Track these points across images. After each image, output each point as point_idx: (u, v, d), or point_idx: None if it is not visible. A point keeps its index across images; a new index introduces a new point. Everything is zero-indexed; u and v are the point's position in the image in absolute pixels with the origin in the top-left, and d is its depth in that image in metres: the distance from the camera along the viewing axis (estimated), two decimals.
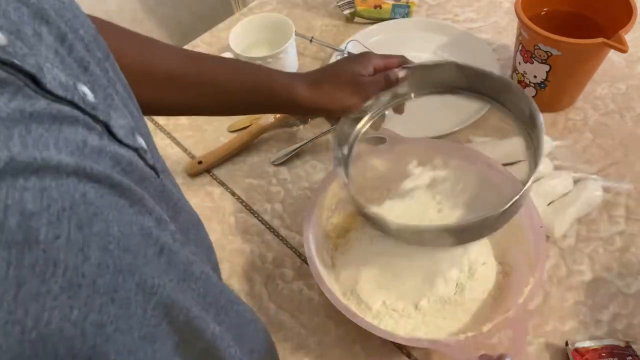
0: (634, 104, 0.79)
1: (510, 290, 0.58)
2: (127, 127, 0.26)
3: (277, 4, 1.02)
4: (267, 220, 0.72)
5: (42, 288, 0.17)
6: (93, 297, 0.19)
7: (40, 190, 0.18)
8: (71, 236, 0.18)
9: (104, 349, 0.20)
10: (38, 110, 0.20)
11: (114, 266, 0.20)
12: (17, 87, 0.19)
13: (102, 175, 0.21)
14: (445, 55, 0.87)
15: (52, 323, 0.17)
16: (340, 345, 0.60)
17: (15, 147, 0.18)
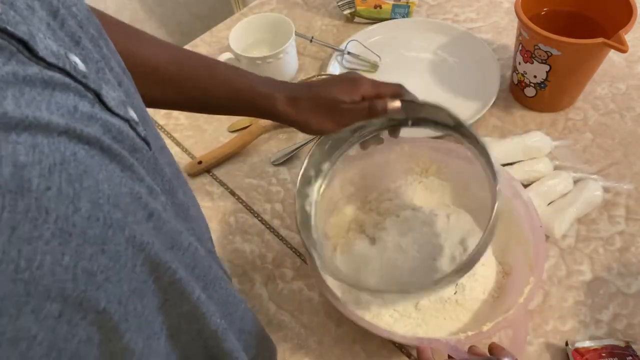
0: (634, 104, 0.79)
1: (510, 290, 0.58)
2: (118, 100, 0.27)
3: (277, 4, 1.02)
4: (267, 220, 0.72)
5: (34, 232, 0.19)
6: (83, 246, 0.21)
7: (32, 146, 0.19)
8: (62, 188, 0.20)
9: (95, 296, 0.21)
10: (31, 75, 0.21)
11: (103, 220, 0.22)
12: (10, 52, 0.21)
13: (92, 137, 0.22)
14: (445, 55, 0.87)
15: (44, 266, 0.19)
16: (340, 345, 0.60)
17: (9, 106, 0.19)
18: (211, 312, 0.31)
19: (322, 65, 0.90)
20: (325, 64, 0.89)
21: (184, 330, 0.29)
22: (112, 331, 0.23)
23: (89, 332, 0.22)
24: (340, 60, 0.88)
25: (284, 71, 0.85)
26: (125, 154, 0.25)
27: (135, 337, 0.25)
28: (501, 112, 0.80)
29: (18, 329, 0.19)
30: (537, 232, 0.58)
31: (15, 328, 0.18)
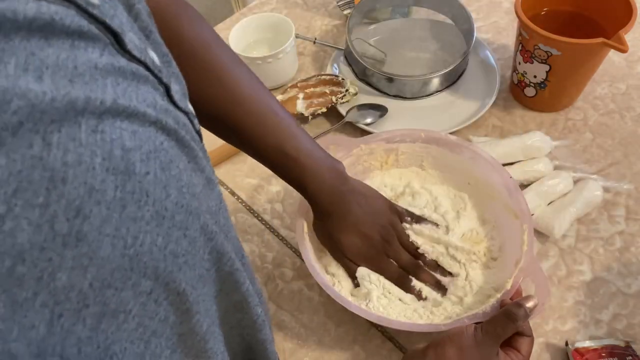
0: (634, 104, 0.79)
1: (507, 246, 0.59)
2: (181, 93, 0.28)
3: (277, 3, 1.02)
4: (267, 220, 0.72)
5: (138, 213, 0.20)
6: (172, 229, 0.22)
7: (133, 132, 0.21)
8: (157, 174, 0.22)
9: (177, 277, 0.23)
10: (122, 67, 0.22)
11: (186, 207, 0.23)
12: (104, 43, 0.22)
13: (172, 129, 0.24)
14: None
15: (144, 244, 0.21)
16: (340, 345, 0.60)
17: (112, 95, 0.20)
18: (255, 303, 0.33)
19: (321, 65, 0.90)
20: (325, 64, 0.89)
21: (228, 319, 0.31)
22: (186, 313, 0.24)
23: (167, 312, 0.23)
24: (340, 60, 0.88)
25: (284, 71, 0.86)
26: (194, 145, 0.26)
27: (201, 321, 0.26)
28: (501, 112, 0.80)
29: (120, 302, 0.20)
30: (509, 182, 0.60)
31: (118, 300, 0.20)
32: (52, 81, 0.18)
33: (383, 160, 0.68)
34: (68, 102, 0.18)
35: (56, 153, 0.17)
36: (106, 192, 0.19)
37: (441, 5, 0.88)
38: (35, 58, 0.18)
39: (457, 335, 0.48)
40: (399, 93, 0.82)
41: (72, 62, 0.19)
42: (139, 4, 0.27)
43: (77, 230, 0.18)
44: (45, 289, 0.17)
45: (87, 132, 0.19)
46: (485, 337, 0.47)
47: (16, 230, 0.16)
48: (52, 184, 0.17)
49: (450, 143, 0.64)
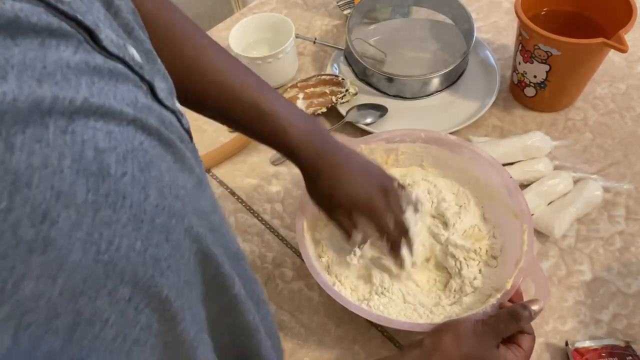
0: (634, 104, 0.79)
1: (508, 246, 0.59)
2: (167, 91, 0.28)
3: (277, 3, 1.02)
4: (267, 220, 0.72)
5: (113, 216, 0.19)
6: (152, 233, 0.21)
7: (108, 132, 0.20)
8: (135, 175, 0.21)
9: (160, 282, 0.22)
10: (98, 65, 0.21)
11: (168, 209, 0.23)
12: (78, 41, 0.21)
13: (153, 128, 0.23)
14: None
15: (121, 249, 0.20)
16: (340, 345, 0.60)
17: (85, 94, 0.20)
18: (246, 308, 0.32)
19: (321, 65, 0.90)
20: (325, 64, 0.89)
21: (218, 325, 0.30)
22: (170, 320, 0.24)
23: (149, 320, 0.22)
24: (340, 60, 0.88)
25: (284, 71, 0.85)
26: (180, 145, 0.26)
27: (187, 328, 0.25)
28: (501, 112, 0.80)
29: (95, 310, 0.19)
30: (509, 182, 0.60)
31: (93, 309, 0.19)
32: (17, 81, 0.17)
33: (383, 160, 0.68)
34: (32, 103, 0.18)
35: (20, 155, 0.17)
36: (76, 195, 0.18)
37: (441, 5, 0.88)
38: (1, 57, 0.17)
39: (456, 325, 0.48)
40: (399, 93, 0.82)
41: (41, 62, 0.19)
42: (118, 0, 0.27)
43: (44, 235, 0.17)
44: (9, 300, 0.16)
45: (55, 133, 0.18)
46: (485, 330, 0.47)
47: None
48: (15, 187, 0.16)
49: (450, 143, 0.64)
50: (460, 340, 0.46)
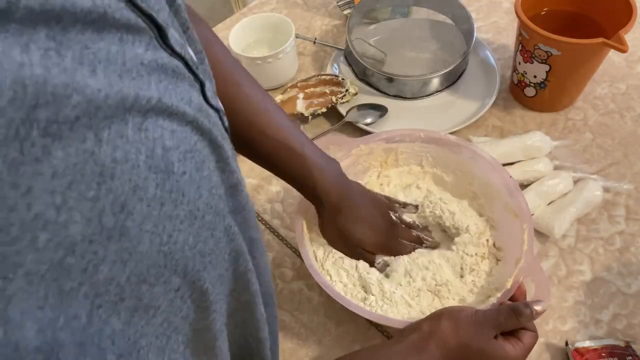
0: (634, 104, 0.79)
1: (508, 246, 0.59)
2: (212, 90, 0.28)
3: (277, 3, 1.02)
4: (267, 220, 0.72)
5: (174, 212, 0.21)
6: (202, 229, 0.23)
7: (172, 132, 0.21)
8: (192, 175, 0.22)
9: (203, 276, 0.23)
10: (165, 63, 0.22)
11: (215, 208, 0.24)
12: (149, 37, 0.22)
13: (206, 129, 0.24)
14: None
15: (178, 243, 0.21)
16: (340, 345, 0.60)
17: (156, 92, 0.21)
18: (260, 302, 0.33)
19: (321, 65, 0.90)
20: (325, 64, 0.89)
21: (235, 318, 0.31)
22: (205, 310, 0.25)
23: (188, 309, 0.23)
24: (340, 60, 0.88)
25: (284, 71, 0.86)
26: (224, 145, 0.26)
27: (217, 318, 0.27)
28: (501, 112, 0.80)
29: (152, 297, 0.20)
30: (509, 181, 0.60)
31: (151, 295, 0.20)
32: (105, 76, 0.18)
33: (382, 160, 0.68)
34: (120, 99, 0.18)
35: (106, 149, 0.18)
36: (148, 190, 0.19)
37: (441, 5, 0.88)
38: (89, 52, 0.18)
39: (456, 312, 0.48)
40: (399, 93, 0.82)
41: (122, 57, 0.19)
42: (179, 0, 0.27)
43: (122, 225, 0.18)
44: (89, 281, 0.17)
45: (133, 129, 0.19)
46: (485, 320, 0.47)
47: (69, 222, 0.17)
48: (102, 178, 0.18)
49: (450, 143, 0.64)
50: (459, 328, 0.46)
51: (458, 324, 0.47)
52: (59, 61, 0.17)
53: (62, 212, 0.16)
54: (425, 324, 0.48)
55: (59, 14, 0.17)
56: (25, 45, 0.16)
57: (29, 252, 0.15)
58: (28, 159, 0.15)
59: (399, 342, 0.48)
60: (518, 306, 0.48)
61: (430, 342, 0.46)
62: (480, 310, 0.48)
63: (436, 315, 0.49)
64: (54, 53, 0.17)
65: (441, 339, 0.46)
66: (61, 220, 0.16)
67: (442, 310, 0.49)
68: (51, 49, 0.17)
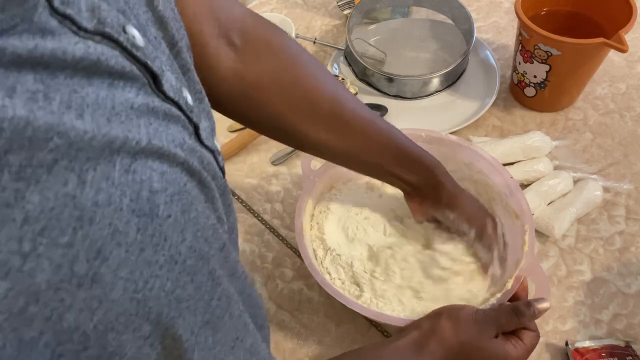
0: (634, 104, 0.79)
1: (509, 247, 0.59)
2: (209, 130, 0.28)
3: (277, 3, 1.02)
4: (267, 220, 0.72)
5: (153, 257, 0.20)
6: (182, 274, 0.22)
7: (161, 173, 0.21)
8: (177, 218, 0.21)
9: (177, 322, 0.22)
10: (156, 107, 0.22)
11: (198, 251, 0.23)
12: (142, 83, 0.22)
13: (196, 170, 0.24)
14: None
15: (154, 289, 0.20)
16: (340, 345, 0.60)
17: (145, 135, 0.21)
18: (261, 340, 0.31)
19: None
20: (325, 64, 0.89)
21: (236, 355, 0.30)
22: (178, 357, 0.23)
23: (158, 356, 0.22)
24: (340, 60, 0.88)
25: None
26: (213, 186, 0.26)
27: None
28: (501, 112, 0.80)
29: (118, 345, 0.19)
30: (510, 181, 0.60)
31: (117, 344, 0.19)
32: (92, 119, 0.18)
33: None
34: (107, 141, 0.18)
35: (89, 192, 0.17)
36: (128, 234, 0.19)
37: (441, 5, 0.88)
38: (77, 96, 0.18)
39: (457, 311, 0.48)
40: (399, 93, 0.82)
41: (111, 101, 0.19)
42: (181, 42, 0.27)
43: (95, 272, 0.18)
44: (51, 329, 0.17)
45: (120, 171, 0.19)
46: (485, 319, 0.47)
47: (36, 270, 0.16)
48: (80, 223, 0.17)
49: (451, 143, 0.64)
50: (459, 326, 0.46)
51: (458, 323, 0.47)
52: (45, 104, 0.17)
53: (28, 261, 0.16)
54: (426, 322, 0.48)
55: (48, 60, 0.17)
56: (11, 87, 0.16)
57: None
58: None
59: (400, 339, 0.48)
60: (519, 306, 0.47)
61: (431, 340, 0.46)
62: (481, 310, 0.48)
63: (437, 314, 0.49)
64: (42, 96, 0.17)
65: (441, 338, 0.46)
66: (26, 268, 0.16)
67: (442, 308, 0.49)
68: (39, 92, 0.17)
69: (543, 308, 0.47)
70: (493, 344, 0.46)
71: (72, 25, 0.19)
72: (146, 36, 0.23)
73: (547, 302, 0.48)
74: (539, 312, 0.47)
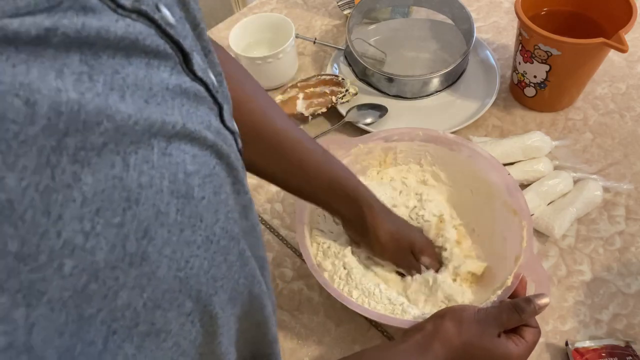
0: (634, 104, 0.79)
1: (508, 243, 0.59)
2: (229, 112, 0.29)
3: (277, 3, 1.02)
4: (267, 220, 0.72)
5: (191, 237, 0.21)
6: (216, 254, 0.23)
7: (193, 156, 0.21)
8: (210, 199, 0.22)
9: (214, 300, 0.23)
10: (187, 87, 0.22)
11: (230, 232, 0.24)
12: (174, 62, 0.22)
13: (224, 153, 0.24)
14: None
15: (194, 268, 0.21)
16: (340, 345, 0.60)
17: (180, 117, 0.21)
18: (273, 323, 0.33)
19: (321, 65, 0.90)
20: (325, 64, 0.89)
21: (245, 337, 0.31)
22: (212, 334, 0.25)
23: (197, 333, 0.23)
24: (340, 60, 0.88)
25: (284, 71, 0.85)
26: (240, 167, 0.26)
27: (223, 342, 0.26)
28: (501, 112, 0.80)
29: (164, 322, 0.20)
30: (508, 180, 0.60)
31: (164, 320, 0.20)
32: (133, 101, 0.18)
33: (381, 159, 0.68)
34: (147, 125, 0.19)
35: (133, 174, 0.18)
36: (169, 215, 0.19)
37: (441, 5, 0.88)
38: (119, 77, 0.18)
39: (459, 311, 0.48)
40: (399, 93, 0.82)
41: (148, 82, 0.20)
42: (202, 24, 0.27)
43: (143, 250, 0.18)
44: (108, 307, 0.17)
45: (158, 154, 0.19)
46: (487, 318, 0.47)
47: (96, 248, 0.17)
48: (128, 204, 0.18)
49: (449, 141, 0.64)
50: (462, 327, 0.47)
51: (461, 324, 0.47)
52: (91, 86, 0.17)
53: (89, 239, 0.16)
54: (429, 324, 0.48)
55: (93, 40, 0.17)
56: (59, 70, 0.16)
57: (54, 279, 0.15)
58: (59, 186, 0.16)
59: (403, 342, 0.48)
60: (519, 302, 0.48)
61: (434, 341, 0.46)
62: (482, 309, 0.48)
63: (439, 315, 0.49)
64: (87, 77, 0.17)
65: (445, 339, 0.46)
66: (88, 246, 0.16)
67: (445, 310, 0.50)
68: (84, 73, 0.17)
69: (543, 304, 0.47)
70: (496, 342, 0.46)
71: (111, 2, 0.18)
72: (174, 16, 0.23)
73: (547, 298, 0.48)
74: (540, 308, 0.47)
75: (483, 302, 0.52)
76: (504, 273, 0.56)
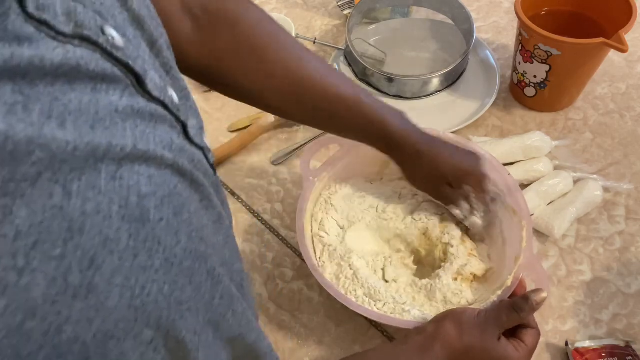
0: (634, 104, 0.79)
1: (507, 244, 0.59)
2: (197, 127, 0.28)
3: (277, 3, 1.02)
4: (267, 220, 0.72)
5: (148, 262, 0.20)
6: (179, 276, 0.22)
7: (149, 177, 0.20)
8: (169, 220, 0.21)
9: (179, 325, 0.22)
10: (141, 108, 0.22)
11: (195, 252, 0.23)
12: (125, 85, 0.22)
13: (187, 170, 0.24)
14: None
15: (151, 294, 0.20)
16: (340, 345, 0.60)
17: (130, 139, 0.20)
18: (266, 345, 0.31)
19: None
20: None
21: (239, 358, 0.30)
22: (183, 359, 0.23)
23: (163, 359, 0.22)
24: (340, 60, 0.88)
25: None
26: (206, 183, 0.26)
27: None
28: (501, 112, 0.80)
29: (120, 353, 0.19)
30: (507, 179, 0.60)
31: (119, 351, 0.19)
32: (75, 128, 0.18)
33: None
34: (90, 150, 0.18)
35: (75, 202, 0.17)
36: (120, 241, 0.19)
37: (441, 5, 0.88)
38: (59, 103, 0.18)
39: (459, 314, 0.48)
40: (399, 93, 0.82)
41: (94, 107, 0.19)
42: (161, 39, 0.27)
43: (89, 281, 0.17)
44: (50, 343, 0.17)
45: (106, 179, 0.18)
46: (487, 320, 0.47)
47: (32, 284, 0.16)
48: (70, 234, 0.17)
49: (448, 140, 0.64)
50: (463, 330, 0.47)
51: (462, 326, 0.47)
52: (24, 116, 0.16)
53: (24, 275, 0.16)
54: (430, 326, 0.48)
55: (25, 69, 0.17)
56: None
57: None
58: None
59: (404, 343, 0.48)
60: (517, 302, 0.48)
61: (435, 344, 0.46)
62: (483, 311, 0.48)
63: (440, 318, 0.49)
64: (21, 107, 0.16)
65: (446, 341, 0.46)
66: (22, 283, 0.16)
67: (446, 312, 0.50)
68: (18, 103, 0.16)
69: (541, 298, 0.47)
70: (496, 345, 0.46)
71: (49, 30, 0.18)
72: (125, 36, 0.23)
73: (545, 292, 0.48)
74: (538, 304, 0.47)
75: (483, 303, 0.52)
76: (504, 273, 0.56)
